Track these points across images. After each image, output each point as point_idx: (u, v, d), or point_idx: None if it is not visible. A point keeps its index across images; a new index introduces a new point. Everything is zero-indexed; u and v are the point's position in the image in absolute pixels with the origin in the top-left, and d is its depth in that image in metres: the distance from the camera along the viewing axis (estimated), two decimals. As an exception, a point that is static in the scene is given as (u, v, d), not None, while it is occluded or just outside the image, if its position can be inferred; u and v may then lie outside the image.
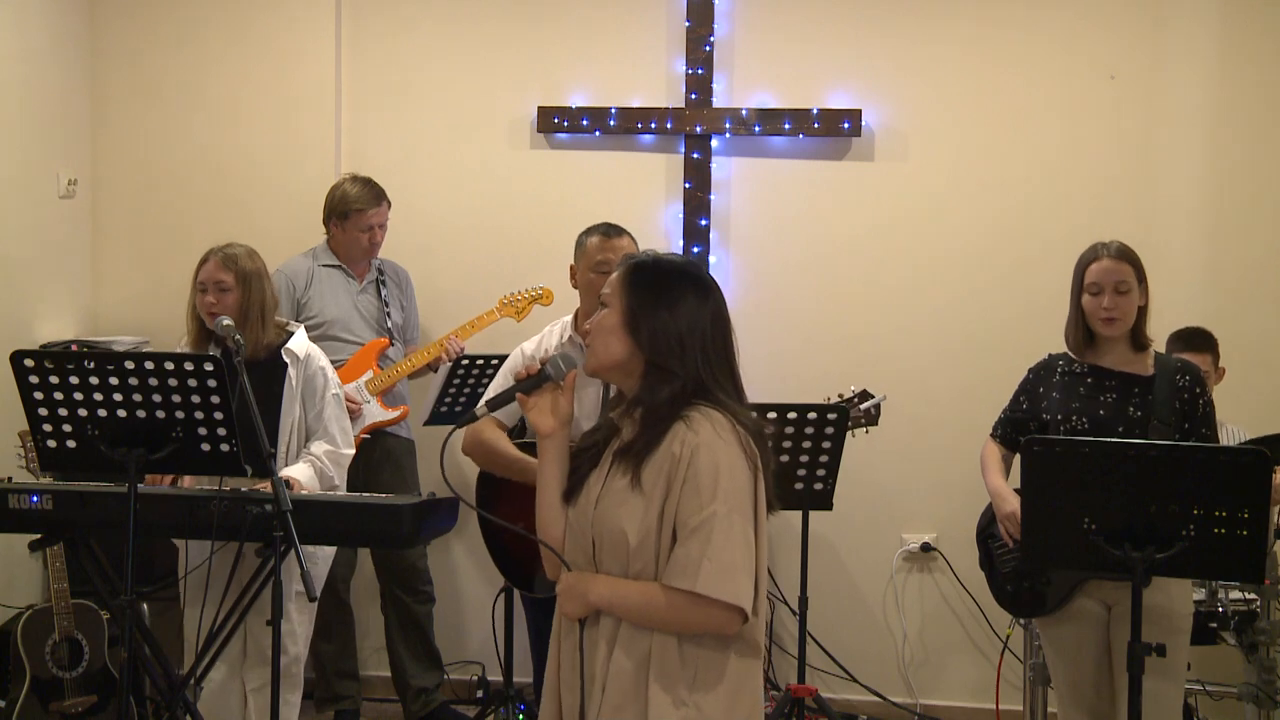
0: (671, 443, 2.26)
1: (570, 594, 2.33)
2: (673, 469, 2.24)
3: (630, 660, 2.26)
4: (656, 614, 2.24)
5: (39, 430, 3.25)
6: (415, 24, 5.24)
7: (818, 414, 3.23)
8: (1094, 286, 3.40)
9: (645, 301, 2.33)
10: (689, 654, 2.25)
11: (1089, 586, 3.38)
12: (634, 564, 2.27)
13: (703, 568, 2.19)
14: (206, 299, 3.74)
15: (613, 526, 2.28)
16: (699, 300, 2.35)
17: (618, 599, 2.27)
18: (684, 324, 2.32)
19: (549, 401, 2.40)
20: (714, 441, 2.24)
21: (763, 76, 5.09)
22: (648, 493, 2.26)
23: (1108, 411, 3.40)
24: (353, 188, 4.67)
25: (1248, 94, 4.90)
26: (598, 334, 2.36)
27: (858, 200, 5.08)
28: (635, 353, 2.32)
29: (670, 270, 2.39)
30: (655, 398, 2.30)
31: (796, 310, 5.12)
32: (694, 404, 2.29)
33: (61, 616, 4.06)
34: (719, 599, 2.20)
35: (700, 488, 2.22)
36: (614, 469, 2.33)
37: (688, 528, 2.22)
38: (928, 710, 5.06)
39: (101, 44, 5.30)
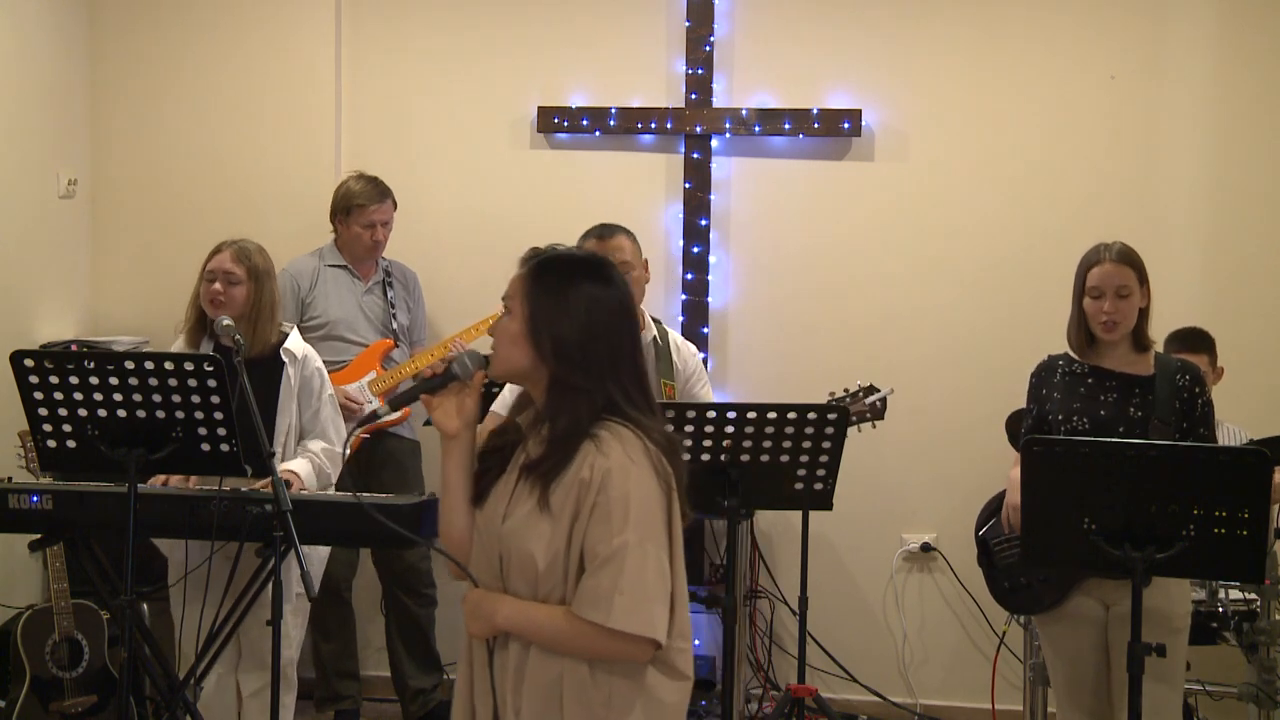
0: (581, 466, 2.15)
1: (476, 613, 2.24)
2: (581, 494, 2.15)
3: (542, 684, 2.18)
4: (565, 641, 2.16)
5: (39, 430, 3.25)
6: (415, 24, 5.24)
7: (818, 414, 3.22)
8: (1095, 290, 3.39)
9: (546, 309, 2.22)
10: (601, 679, 2.17)
11: (1087, 585, 3.38)
12: (542, 587, 2.19)
13: (615, 601, 2.11)
14: (214, 288, 3.72)
15: (520, 547, 2.19)
16: (603, 303, 2.23)
17: (526, 623, 2.19)
18: (588, 333, 2.20)
19: (454, 402, 2.29)
20: (625, 465, 2.14)
21: (763, 76, 5.09)
22: (556, 515, 2.17)
23: (1108, 411, 3.40)
24: (356, 184, 4.67)
25: (1246, 94, 4.90)
26: (500, 341, 2.26)
27: (858, 200, 5.08)
28: (539, 364, 2.22)
29: (571, 268, 2.27)
30: (560, 417, 2.19)
31: (796, 310, 5.12)
32: (603, 420, 2.19)
33: (61, 616, 4.06)
34: (631, 632, 2.12)
35: (610, 515, 2.13)
36: (521, 485, 2.23)
37: (598, 557, 2.13)
38: (928, 710, 5.06)
39: (101, 44, 5.30)
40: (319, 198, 5.19)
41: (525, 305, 2.23)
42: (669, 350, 3.78)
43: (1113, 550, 2.90)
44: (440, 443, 2.33)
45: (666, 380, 3.73)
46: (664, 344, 3.78)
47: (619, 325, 2.24)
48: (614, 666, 2.18)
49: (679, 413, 3.17)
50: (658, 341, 3.77)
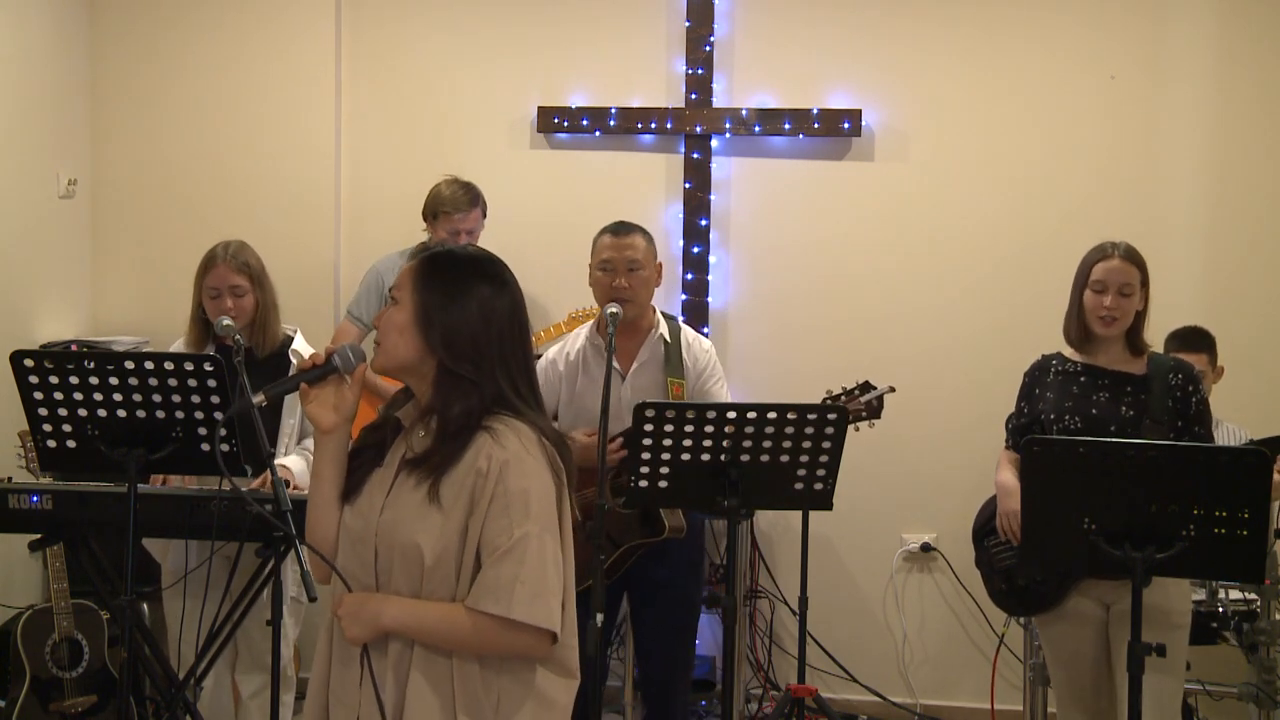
0: (476, 457, 2.11)
1: (357, 617, 2.13)
2: (477, 485, 2.10)
3: (430, 686, 2.12)
4: (461, 638, 2.10)
5: (39, 430, 3.25)
6: (415, 24, 5.24)
7: (818, 414, 3.22)
8: (1098, 284, 3.40)
9: (437, 300, 2.17)
10: (490, 678, 2.13)
11: (1085, 586, 3.38)
12: (428, 583, 2.12)
13: (516, 591, 2.07)
14: (224, 304, 3.72)
15: (405, 541, 2.12)
16: (496, 298, 2.20)
17: (415, 622, 2.12)
18: (479, 325, 2.17)
19: (331, 395, 2.23)
20: (522, 457, 2.12)
21: (763, 76, 5.09)
22: (447, 509, 2.11)
23: (1100, 410, 3.40)
24: (446, 189, 4.65)
25: (1246, 94, 4.90)
26: (386, 331, 2.20)
27: (858, 200, 5.08)
28: (427, 355, 2.17)
29: (464, 264, 2.23)
30: (451, 407, 2.15)
31: (796, 310, 5.12)
32: (494, 413, 2.16)
33: (61, 616, 4.06)
34: (531, 623, 2.08)
35: (510, 507, 2.09)
36: (403, 478, 2.17)
37: (497, 549, 2.08)
38: (928, 710, 5.06)
39: (101, 44, 5.30)
40: (319, 197, 5.22)
41: (415, 296, 2.19)
42: (679, 348, 3.77)
43: (1113, 550, 2.90)
44: (313, 437, 2.28)
45: (675, 379, 3.72)
46: (674, 341, 3.76)
47: (510, 321, 2.21)
48: (504, 665, 2.14)
49: (678, 413, 3.17)
50: (666, 340, 3.76)
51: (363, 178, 5.27)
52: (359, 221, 5.26)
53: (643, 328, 3.77)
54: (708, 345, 3.88)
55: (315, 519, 2.26)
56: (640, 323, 3.76)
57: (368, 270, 4.83)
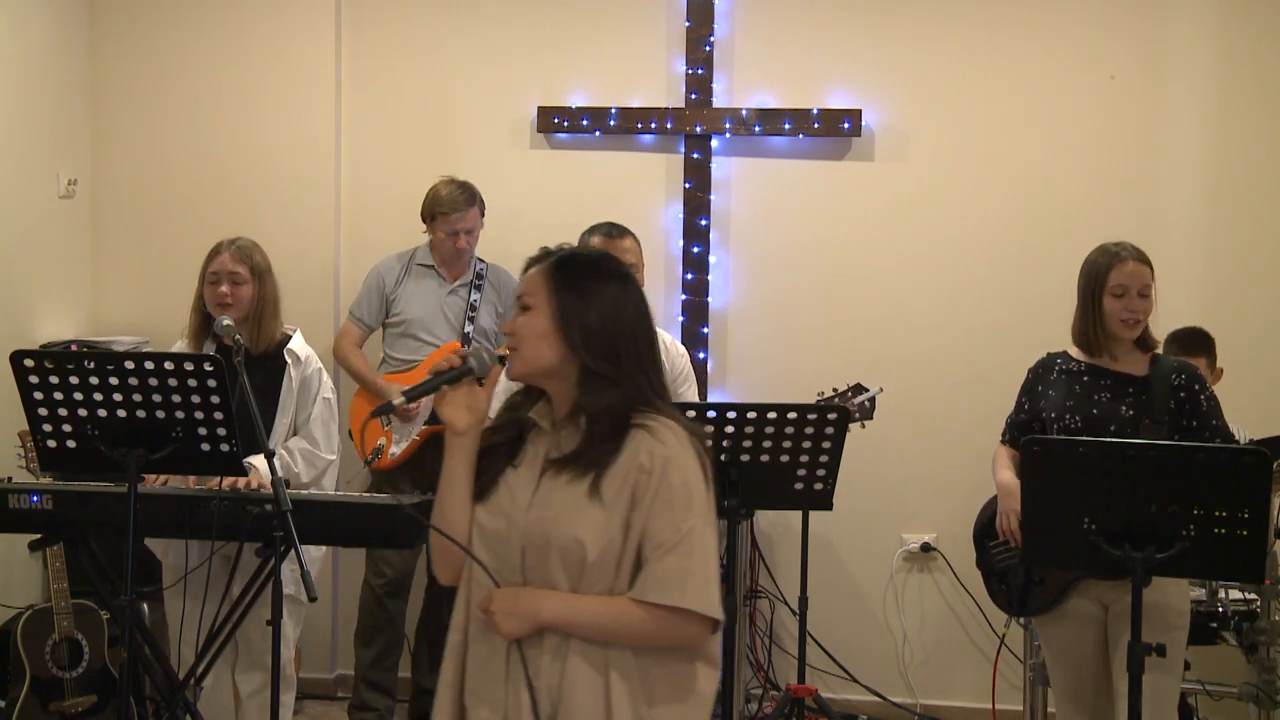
0: (637, 454, 2.17)
1: (514, 611, 2.17)
2: (640, 481, 2.15)
3: (587, 678, 2.16)
4: (628, 629, 2.15)
5: (39, 430, 3.25)
6: (415, 24, 5.24)
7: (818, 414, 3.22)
8: (1119, 289, 3.40)
9: (575, 303, 2.22)
10: (646, 667, 2.18)
11: (1084, 586, 3.38)
12: (588, 577, 2.16)
13: (687, 583, 2.13)
14: (220, 290, 3.74)
15: (563, 537, 2.16)
16: (625, 295, 2.26)
17: (576, 615, 2.16)
18: (615, 323, 2.23)
19: (465, 397, 2.26)
20: (681, 453, 2.18)
21: (763, 76, 5.09)
22: (609, 504, 2.16)
23: (1101, 410, 3.40)
24: (444, 190, 4.66)
25: (1246, 94, 4.90)
26: (526, 339, 2.23)
27: (858, 200, 5.08)
28: (568, 358, 2.22)
29: (593, 266, 2.29)
30: (599, 405, 2.20)
31: (796, 310, 5.12)
32: (641, 411, 2.22)
33: (61, 616, 4.06)
34: (702, 613, 2.15)
35: (674, 501, 2.15)
36: (551, 477, 2.21)
37: (664, 543, 2.14)
38: (928, 710, 5.06)
39: (101, 44, 5.30)
40: (319, 197, 5.22)
41: (551, 301, 2.23)
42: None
43: (1113, 550, 2.90)
44: (445, 439, 2.29)
45: None
46: None
47: (640, 317, 2.27)
48: (658, 655, 2.19)
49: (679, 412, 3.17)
50: None
51: (363, 178, 5.27)
52: (359, 222, 5.26)
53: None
54: (682, 349, 3.97)
55: (449, 519, 2.27)
56: None
57: (369, 272, 4.83)
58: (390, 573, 4.66)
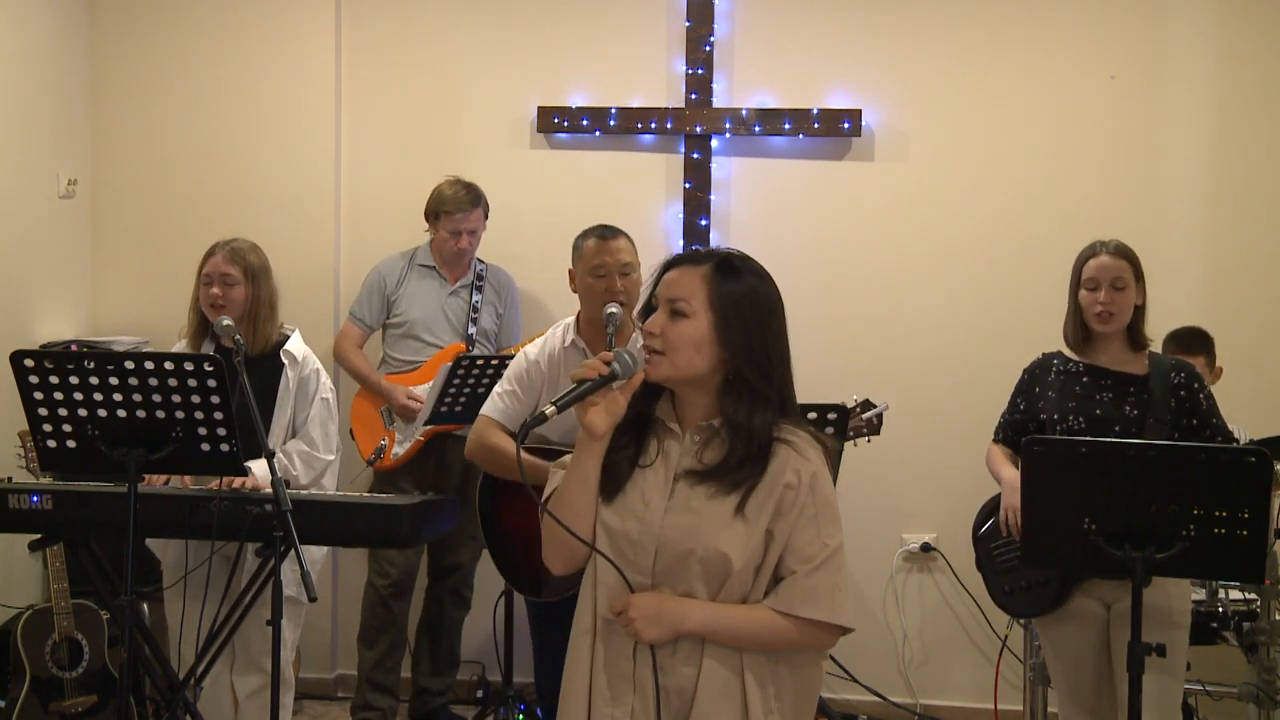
0: (783, 470, 2.19)
1: (656, 620, 2.17)
2: (786, 497, 2.18)
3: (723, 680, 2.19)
4: (770, 637, 2.19)
5: (39, 430, 3.25)
6: (415, 24, 5.24)
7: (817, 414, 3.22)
8: (1091, 282, 3.42)
9: (736, 312, 2.21)
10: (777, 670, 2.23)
11: (1087, 586, 3.38)
12: (728, 587, 2.19)
13: (837, 598, 2.19)
14: (212, 291, 3.75)
15: (707, 549, 2.17)
16: (777, 304, 2.27)
17: (722, 625, 2.18)
18: (770, 333, 2.23)
19: (606, 401, 2.23)
20: (823, 469, 2.21)
21: (763, 76, 5.09)
22: (751, 520, 2.18)
23: (1103, 411, 3.40)
24: (449, 189, 4.67)
25: (1246, 95, 4.90)
26: (680, 347, 2.20)
27: (858, 200, 5.08)
28: (719, 367, 2.21)
29: (751, 272, 2.28)
30: (750, 422, 2.19)
31: (796, 310, 4.96)
32: (780, 425, 2.23)
33: (61, 616, 4.06)
34: (845, 625, 2.22)
35: (819, 517, 2.19)
36: (691, 485, 2.21)
37: (812, 559, 2.18)
38: (928, 710, 5.06)
39: (101, 44, 5.30)
40: (319, 197, 5.22)
41: (712, 308, 2.21)
42: None
43: (1113, 550, 2.89)
44: (579, 441, 2.25)
45: None
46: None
47: (783, 329, 2.28)
48: (786, 657, 2.23)
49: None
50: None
51: (363, 178, 5.27)
52: (359, 222, 5.26)
53: (625, 330, 3.75)
54: None
55: (579, 518, 2.25)
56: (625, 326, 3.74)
57: (370, 272, 4.83)
58: (394, 573, 4.66)
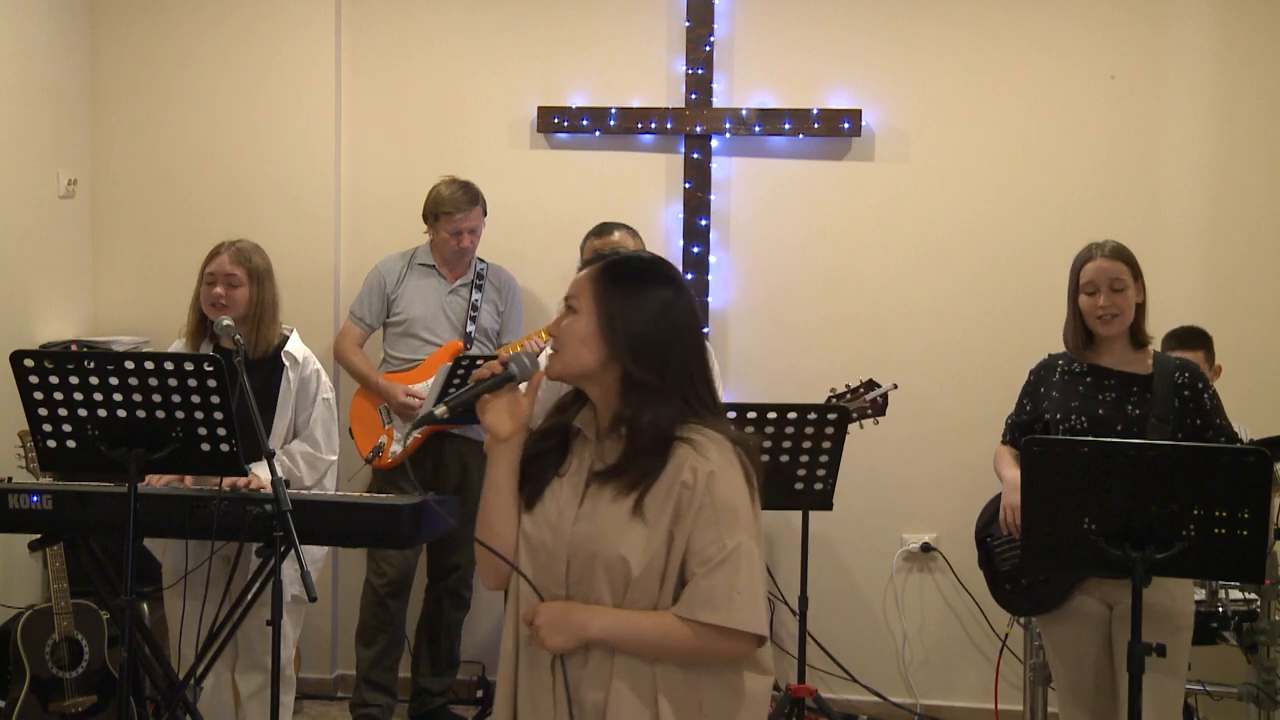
0: (680, 469, 2.13)
1: (559, 627, 2.14)
2: (683, 497, 2.12)
3: (634, 693, 2.14)
4: (675, 646, 2.12)
5: (39, 430, 3.25)
6: (415, 24, 5.24)
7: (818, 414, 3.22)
8: (1089, 286, 3.42)
9: (622, 306, 2.17)
10: (694, 680, 2.16)
11: (1089, 585, 3.38)
12: (632, 593, 2.13)
13: (733, 601, 2.11)
14: (215, 291, 3.75)
15: (608, 554, 2.13)
16: (677, 302, 2.20)
17: (625, 632, 2.13)
18: (664, 331, 2.17)
19: (507, 403, 2.22)
20: (725, 468, 2.14)
21: (763, 76, 5.09)
22: (651, 522, 2.13)
23: (1106, 411, 3.40)
24: (446, 189, 4.67)
25: (1246, 95, 4.90)
26: (567, 341, 2.19)
27: (858, 200, 5.08)
28: (610, 363, 2.17)
29: (646, 270, 2.24)
30: (642, 418, 2.15)
31: (796, 310, 5.12)
32: (685, 421, 2.17)
33: (61, 616, 4.06)
34: (746, 630, 2.12)
35: (719, 518, 2.13)
36: (596, 489, 2.18)
37: (710, 560, 2.11)
38: (928, 710, 5.06)
39: (101, 44, 5.30)
40: (319, 197, 5.22)
41: (598, 304, 2.18)
42: None
43: (1113, 550, 2.89)
44: (488, 446, 2.25)
45: None
46: None
47: (690, 325, 2.22)
48: (706, 668, 2.17)
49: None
50: None
51: (363, 178, 5.27)
52: (359, 222, 5.26)
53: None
54: None
55: (494, 530, 2.23)
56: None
57: (370, 271, 4.83)
58: (391, 572, 4.67)
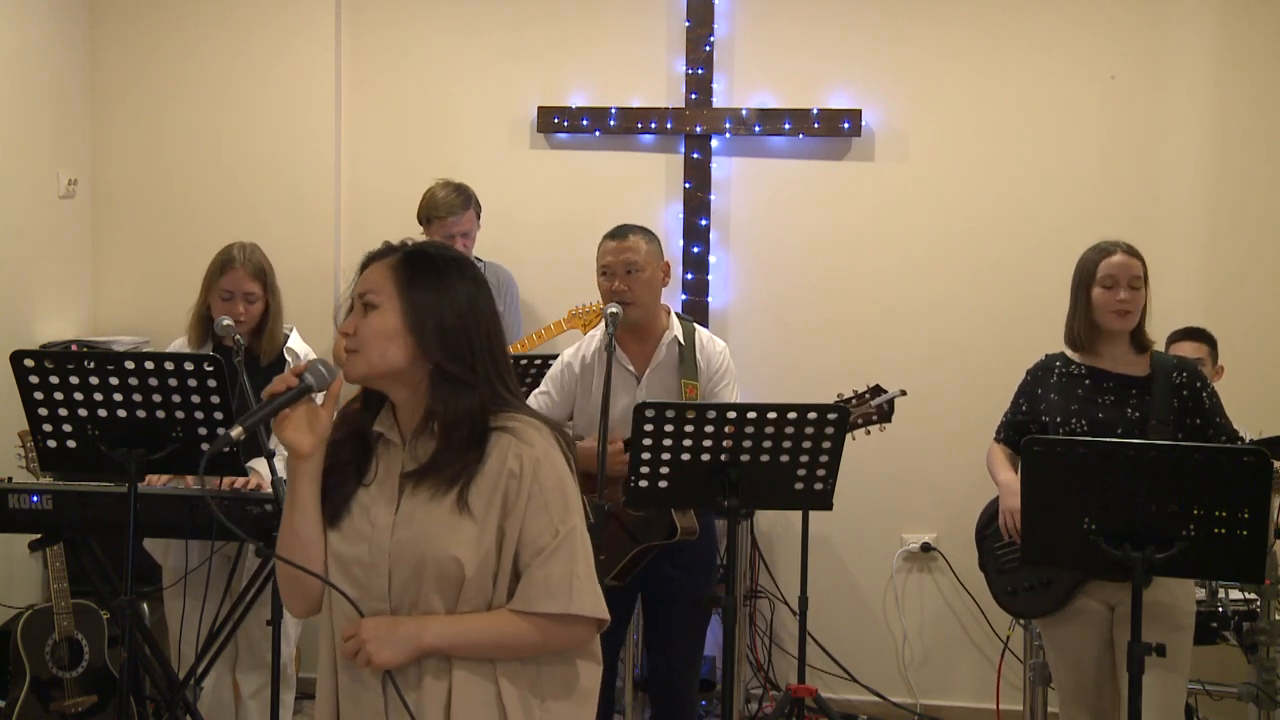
0: (504, 459, 2.03)
1: (388, 640, 1.99)
2: (511, 486, 2.03)
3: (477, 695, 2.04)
4: (514, 642, 2.03)
5: (39, 430, 3.25)
6: (415, 24, 5.24)
7: (818, 414, 3.22)
8: (1108, 280, 3.41)
9: (427, 300, 2.06)
10: (533, 674, 2.08)
11: (1090, 586, 3.38)
12: (466, 594, 2.03)
13: (574, 586, 2.03)
14: (234, 308, 3.73)
15: (438, 556, 2.01)
16: (479, 294, 2.12)
17: (462, 636, 2.02)
18: (471, 322, 2.08)
19: (305, 416, 2.06)
20: (551, 452, 2.06)
21: (763, 76, 5.09)
22: (479, 516, 2.02)
23: (1106, 413, 3.40)
24: (440, 192, 4.64)
25: (1246, 95, 4.90)
26: (372, 340, 2.05)
27: (858, 200, 5.08)
28: (419, 359, 2.06)
29: (446, 262, 2.12)
30: (456, 410, 2.04)
31: (796, 309, 5.12)
32: (498, 412, 2.08)
33: (61, 616, 4.06)
34: (590, 615, 2.05)
35: (550, 504, 2.04)
36: (411, 492, 2.06)
37: (544, 548, 2.03)
38: (928, 710, 5.06)
39: (101, 44, 5.30)
40: (319, 197, 5.22)
41: (401, 298, 2.07)
42: (693, 350, 3.73)
43: (1113, 550, 2.90)
44: (288, 463, 2.10)
45: (689, 381, 3.70)
46: (688, 343, 3.72)
47: (492, 316, 2.14)
48: (544, 661, 2.09)
49: (678, 413, 3.17)
50: (680, 342, 3.73)
51: (363, 178, 5.27)
52: (359, 222, 5.26)
53: (656, 330, 3.73)
54: (721, 346, 3.81)
55: (305, 550, 2.08)
56: (652, 325, 3.73)
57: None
58: None
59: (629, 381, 3.67)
